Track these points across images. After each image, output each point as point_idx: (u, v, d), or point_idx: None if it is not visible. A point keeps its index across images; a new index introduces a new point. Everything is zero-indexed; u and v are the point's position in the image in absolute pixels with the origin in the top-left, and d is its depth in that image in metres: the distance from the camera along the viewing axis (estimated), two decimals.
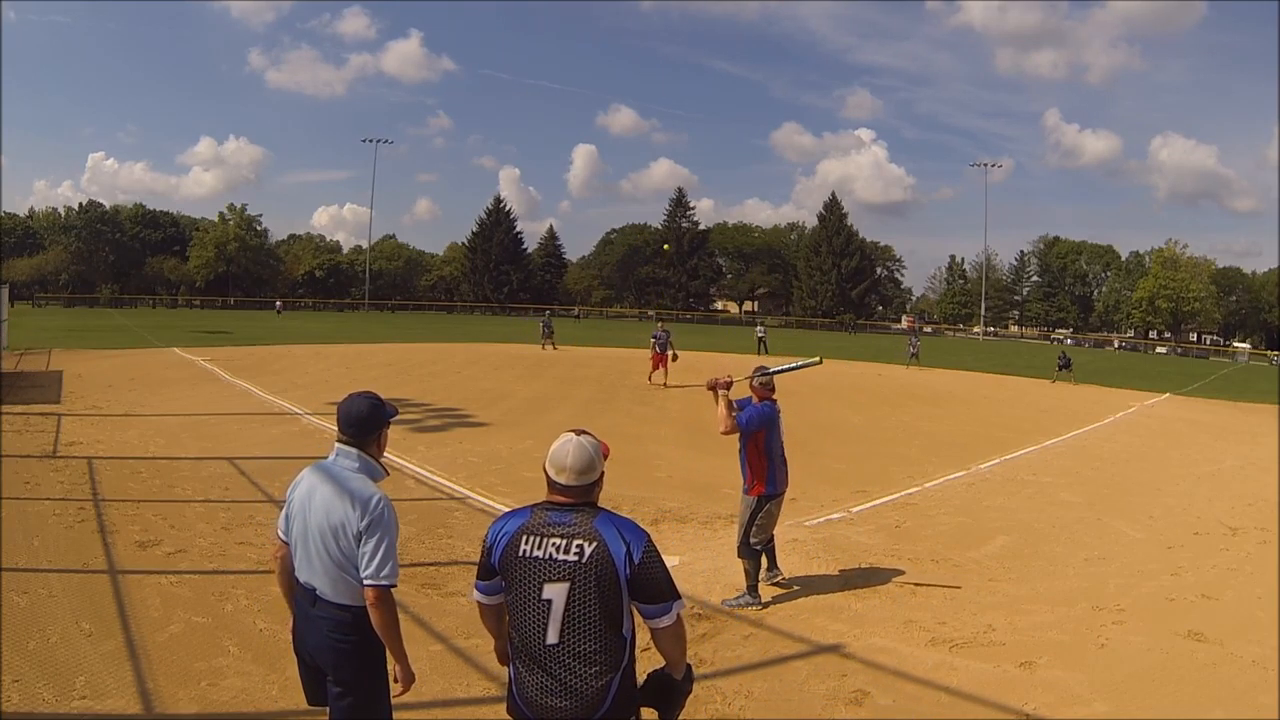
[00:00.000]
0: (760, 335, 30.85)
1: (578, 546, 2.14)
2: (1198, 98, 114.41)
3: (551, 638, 2.14)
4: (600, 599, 2.13)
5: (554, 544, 2.15)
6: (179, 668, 3.83)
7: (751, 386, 5.21)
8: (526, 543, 2.18)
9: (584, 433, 2.29)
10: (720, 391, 4.94)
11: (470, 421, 11.64)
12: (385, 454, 2.71)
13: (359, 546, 2.42)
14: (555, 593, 2.13)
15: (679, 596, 2.22)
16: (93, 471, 7.59)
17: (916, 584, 5.57)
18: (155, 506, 6.53)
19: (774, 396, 5.26)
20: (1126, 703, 3.91)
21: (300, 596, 2.55)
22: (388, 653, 2.49)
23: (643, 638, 2.31)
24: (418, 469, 8.39)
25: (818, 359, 5.61)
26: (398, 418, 2.76)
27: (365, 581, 2.40)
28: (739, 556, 5.14)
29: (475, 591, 2.37)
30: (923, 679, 4.11)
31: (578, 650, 2.13)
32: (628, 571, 2.13)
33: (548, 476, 2.25)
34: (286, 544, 2.59)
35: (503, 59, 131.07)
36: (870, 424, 13.50)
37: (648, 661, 2.38)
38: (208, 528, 6.03)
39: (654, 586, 2.16)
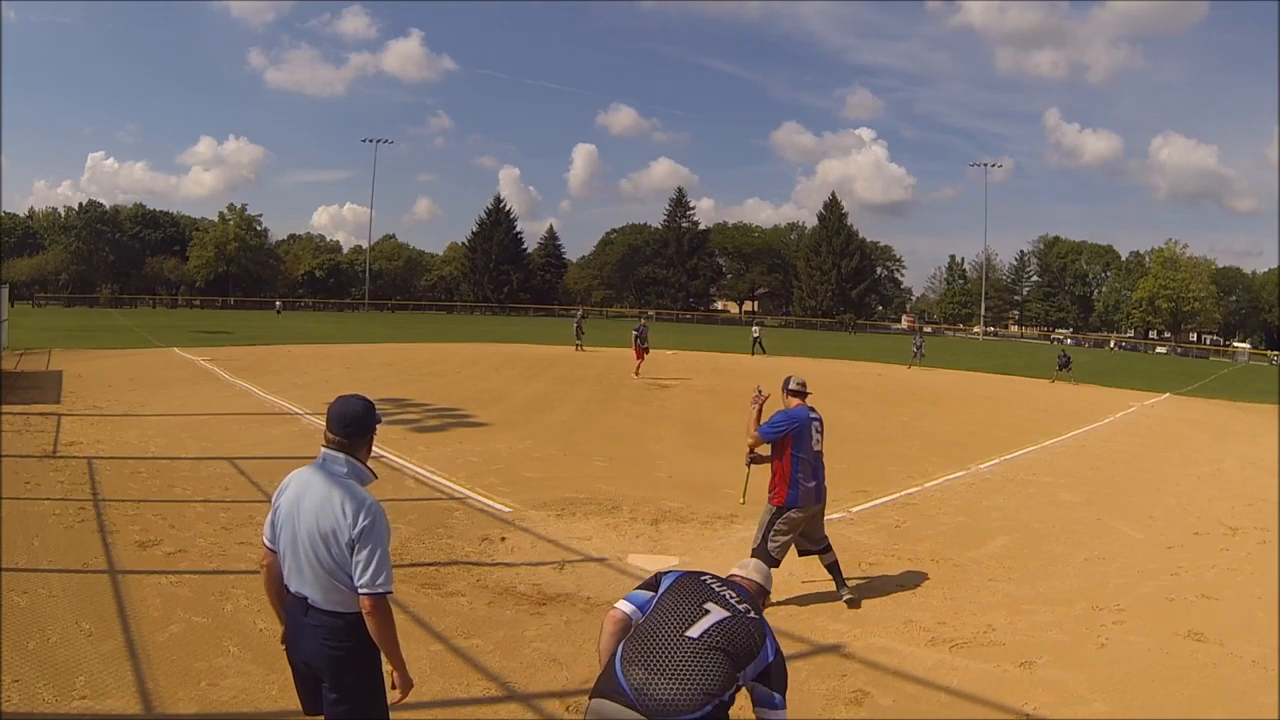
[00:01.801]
0: (756, 335, 30.73)
1: (745, 606, 2.49)
2: (1198, 98, 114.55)
3: (694, 632, 2.34)
4: (740, 644, 2.37)
5: (730, 597, 2.50)
6: (179, 668, 3.82)
7: (785, 392, 5.23)
8: (711, 580, 2.55)
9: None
10: (754, 407, 5.08)
11: (470, 421, 11.63)
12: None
13: (352, 555, 2.37)
14: (715, 610, 2.42)
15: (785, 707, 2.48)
16: (93, 471, 7.58)
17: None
18: (155, 506, 6.52)
19: (806, 402, 5.19)
20: (1126, 702, 3.91)
21: (292, 605, 2.49)
22: (384, 658, 2.47)
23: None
24: (418, 469, 8.36)
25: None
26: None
27: (360, 590, 2.36)
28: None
29: (626, 602, 2.54)
30: (923, 679, 4.11)
31: (708, 652, 2.31)
32: (769, 657, 2.43)
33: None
34: (274, 552, 2.53)
35: (503, 59, 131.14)
36: (870, 424, 13.49)
37: None
38: (208, 528, 6.03)
39: (781, 679, 2.46)
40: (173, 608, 4.51)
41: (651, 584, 2.59)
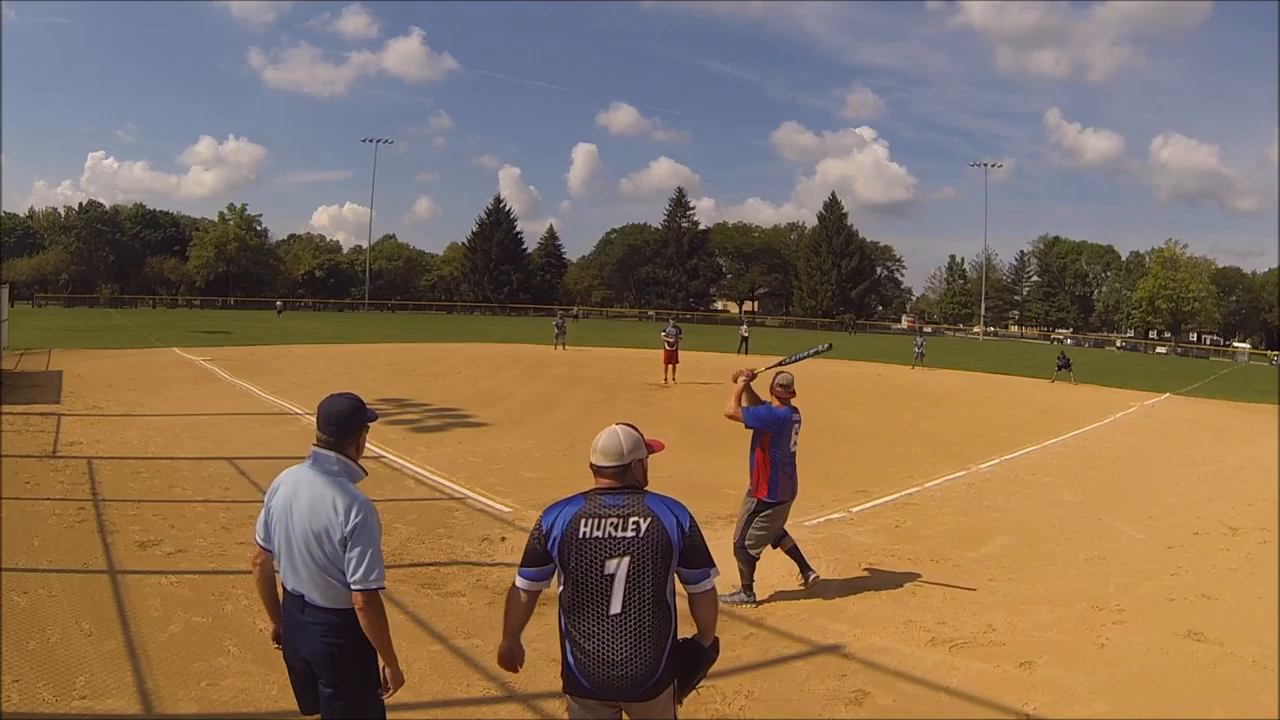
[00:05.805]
0: (744, 335, 30.67)
1: (634, 523, 2.36)
2: (1198, 97, 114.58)
3: (615, 608, 2.32)
4: (656, 569, 2.35)
5: (611, 523, 2.36)
6: (179, 668, 3.83)
7: (771, 390, 5.23)
8: (585, 525, 2.36)
9: (625, 424, 2.58)
10: (741, 379, 5.05)
11: (470, 421, 11.63)
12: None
13: (345, 552, 2.41)
14: (615, 567, 2.33)
15: (714, 564, 2.47)
16: (93, 471, 7.58)
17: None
18: (155, 506, 6.53)
19: (794, 403, 5.24)
20: (1126, 703, 3.91)
21: (289, 604, 2.54)
22: (378, 654, 2.51)
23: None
24: (418, 469, 8.35)
25: (828, 345, 5.84)
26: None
27: (353, 587, 2.40)
28: (734, 556, 5.15)
29: (519, 579, 2.44)
30: (923, 679, 4.11)
31: (639, 620, 2.32)
32: (680, 540, 2.39)
33: (591, 464, 2.50)
34: (266, 550, 2.58)
35: (503, 59, 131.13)
36: (870, 424, 13.48)
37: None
38: (208, 528, 6.03)
39: (698, 553, 2.42)
40: (173, 608, 4.51)
41: (541, 555, 2.39)
